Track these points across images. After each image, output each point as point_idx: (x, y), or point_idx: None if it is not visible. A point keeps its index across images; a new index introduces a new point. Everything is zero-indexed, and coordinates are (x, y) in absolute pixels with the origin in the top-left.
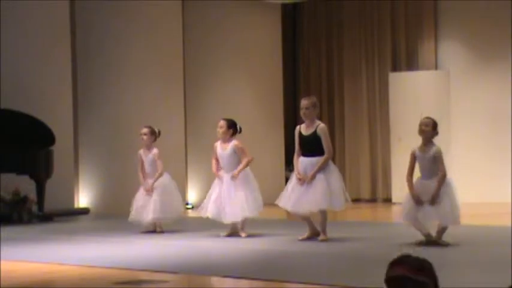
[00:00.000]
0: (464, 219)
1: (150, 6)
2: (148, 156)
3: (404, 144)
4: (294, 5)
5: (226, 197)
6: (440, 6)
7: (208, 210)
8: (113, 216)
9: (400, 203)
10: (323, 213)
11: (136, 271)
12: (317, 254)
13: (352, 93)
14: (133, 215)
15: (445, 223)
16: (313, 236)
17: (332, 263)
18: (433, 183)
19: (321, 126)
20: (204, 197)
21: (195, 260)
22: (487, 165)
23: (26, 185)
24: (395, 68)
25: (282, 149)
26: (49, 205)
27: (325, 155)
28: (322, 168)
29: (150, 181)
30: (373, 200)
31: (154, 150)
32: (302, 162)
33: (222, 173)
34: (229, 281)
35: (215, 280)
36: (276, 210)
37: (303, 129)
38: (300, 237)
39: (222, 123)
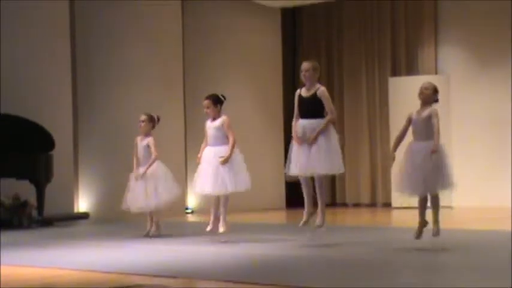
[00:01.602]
0: (464, 223)
1: (150, 8)
2: (143, 142)
3: (403, 148)
4: (294, 8)
5: (208, 171)
6: (440, 11)
7: (197, 187)
8: (112, 220)
9: (399, 208)
10: (320, 181)
11: (135, 276)
12: (316, 258)
13: (352, 97)
14: (126, 203)
15: (441, 189)
16: (311, 214)
17: (331, 267)
18: (426, 145)
19: (321, 89)
20: (204, 202)
21: (194, 265)
22: (487, 169)
23: (26, 190)
24: (395, 73)
25: (281, 150)
26: (49, 210)
27: (328, 116)
28: (324, 130)
29: (141, 169)
30: (372, 204)
31: (150, 138)
32: (301, 125)
33: (207, 148)
34: (228, 286)
35: (213, 285)
36: (274, 215)
37: (303, 92)
38: (300, 224)
39: (207, 102)
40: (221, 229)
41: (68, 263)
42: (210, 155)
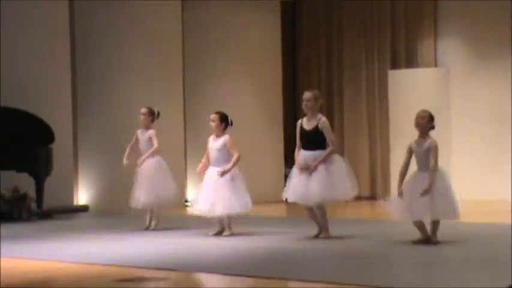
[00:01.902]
0: (464, 216)
1: (149, 6)
2: (145, 135)
3: (403, 141)
4: (293, 2)
5: (212, 191)
6: (440, 3)
7: (197, 207)
8: (112, 213)
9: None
10: (321, 208)
11: (135, 268)
12: (316, 251)
13: (351, 90)
14: (133, 200)
15: (439, 217)
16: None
17: (331, 260)
18: (427, 176)
19: (323, 120)
20: None
21: (194, 258)
22: (486, 162)
23: (25, 183)
24: (395, 66)
25: (281, 147)
26: (48, 202)
27: (330, 147)
28: (324, 160)
29: (145, 162)
30: (372, 197)
31: (151, 130)
32: (303, 156)
33: (209, 168)
34: (228, 279)
35: (214, 278)
36: (274, 208)
37: (305, 123)
38: (313, 236)
39: (214, 116)
40: (226, 233)
41: (67, 256)
42: (213, 176)
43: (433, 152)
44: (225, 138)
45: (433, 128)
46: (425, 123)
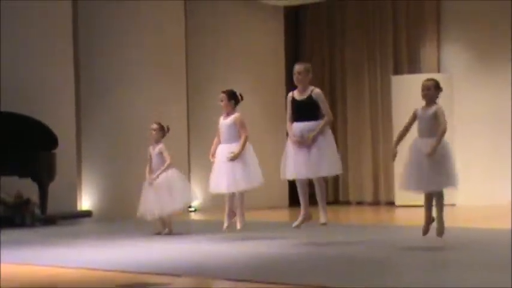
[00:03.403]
0: (465, 221)
1: (153, 7)
2: (155, 150)
3: (406, 146)
4: (297, 7)
5: (221, 169)
6: (442, 9)
7: (213, 187)
8: (115, 219)
9: (402, 206)
10: (321, 184)
11: (139, 274)
12: (319, 256)
13: (354, 96)
14: (140, 211)
15: (445, 186)
16: (307, 219)
17: (334, 265)
18: (431, 141)
19: (316, 91)
20: (207, 200)
21: (198, 263)
22: (490, 167)
23: (28, 188)
24: (398, 71)
25: (284, 149)
26: (52, 208)
27: (326, 118)
28: (322, 131)
29: (158, 173)
30: (376, 203)
31: (161, 145)
32: (297, 127)
33: (219, 146)
34: (231, 284)
35: (218, 283)
36: (278, 213)
37: (296, 95)
38: (294, 224)
39: (222, 95)
40: (239, 225)
41: (70, 262)
42: (223, 153)
43: (441, 117)
44: (235, 116)
45: (441, 91)
46: (432, 93)
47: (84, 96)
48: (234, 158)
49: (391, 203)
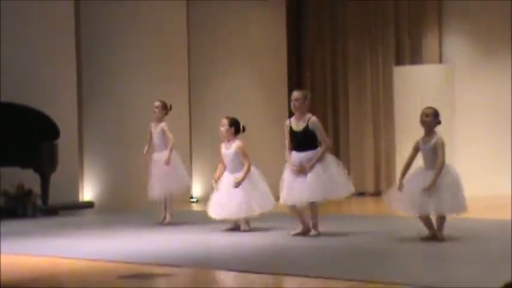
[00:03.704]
0: (468, 212)
1: (154, 6)
2: (157, 128)
3: (408, 137)
4: (299, 0)
5: (227, 195)
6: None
7: (212, 212)
8: (117, 209)
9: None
10: (313, 205)
11: (140, 265)
12: (321, 247)
13: (356, 87)
14: (149, 192)
15: (447, 211)
16: (306, 232)
17: (336, 256)
18: (432, 173)
19: (312, 120)
20: (209, 191)
21: (199, 254)
22: (492, 158)
23: (30, 179)
24: (400, 62)
25: (286, 143)
26: (53, 199)
27: (323, 147)
28: (321, 159)
29: (157, 154)
30: (377, 193)
31: (162, 124)
32: (296, 157)
33: (225, 173)
34: (233, 275)
35: (219, 274)
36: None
37: (293, 123)
38: (293, 233)
39: (224, 121)
40: (243, 228)
41: (72, 252)
42: (230, 180)
43: (440, 150)
44: (236, 144)
45: (439, 123)
46: (431, 120)
47: (86, 87)
48: (237, 185)
49: None
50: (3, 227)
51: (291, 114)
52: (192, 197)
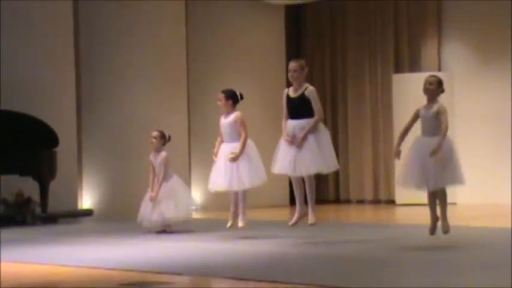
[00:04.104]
0: (466, 220)
1: (154, 6)
2: (157, 159)
3: (407, 145)
4: (298, 6)
5: (225, 167)
6: (443, 7)
7: (214, 185)
8: (116, 217)
9: (403, 205)
10: (311, 180)
11: (140, 272)
12: (320, 255)
13: (355, 94)
14: (140, 218)
15: (448, 183)
16: (302, 216)
17: (335, 264)
18: (434, 140)
19: (309, 88)
20: (209, 199)
21: (199, 262)
22: (490, 166)
23: (29, 187)
24: (399, 70)
25: None
26: (52, 207)
27: (316, 117)
28: (312, 130)
29: (156, 188)
30: (376, 201)
31: (162, 154)
32: (290, 125)
33: (222, 145)
34: (232, 283)
35: (219, 281)
36: (278, 212)
37: (291, 92)
38: (290, 223)
39: (220, 95)
40: (240, 224)
41: (71, 260)
42: (226, 152)
43: (443, 115)
44: (235, 114)
45: (442, 91)
46: (434, 88)
47: (85, 95)
48: (234, 159)
49: (391, 202)
50: (2, 234)
51: (289, 84)
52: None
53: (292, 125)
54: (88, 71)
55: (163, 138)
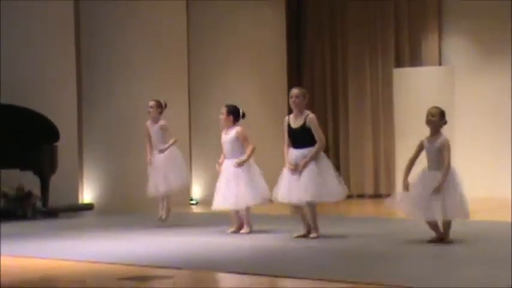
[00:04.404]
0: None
1: (154, 5)
2: (155, 127)
3: (408, 139)
4: (298, 1)
5: (227, 185)
6: (444, 1)
7: (217, 203)
8: (117, 211)
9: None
10: (312, 207)
11: (140, 267)
12: (320, 249)
13: (356, 89)
14: (150, 190)
15: (452, 216)
16: (308, 233)
17: (335, 258)
18: (438, 175)
19: (310, 117)
20: (209, 193)
21: (199, 256)
22: (490, 160)
23: (30, 181)
24: (399, 64)
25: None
26: (53, 201)
27: (317, 145)
28: (314, 158)
29: (158, 153)
30: (376, 195)
31: (161, 122)
32: (293, 154)
33: (224, 162)
34: (232, 277)
35: (219, 276)
36: (279, 206)
37: (292, 120)
38: (295, 235)
39: (222, 109)
40: (243, 231)
41: (72, 254)
42: (229, 169)
43: (446, 151)
44: (236, 130)
45: (445, 123)
46: (437, 120)
47: (86, 89)
48: (240, 165)
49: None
50: (3, 228)
51: (290, 112)
52: (191, 199)
53: (295, 154)
54: (89, 66)
55: (160, 107)
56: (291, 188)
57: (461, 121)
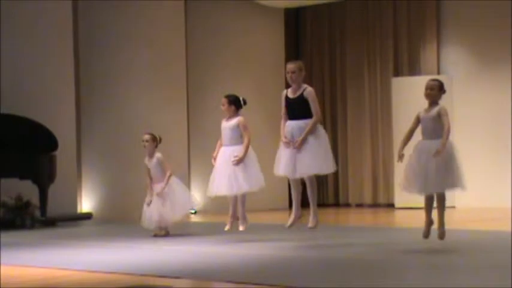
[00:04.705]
0: (464, 223)
1: (153, 9)
2: (152, 161)
3: (406, 148)
4: (297, 9)
5: (223, 171)
6: (442, 11)
7: (212, 189)
8: (116, 221)
9: (402, 208)
10: (312, 182)
11: (139, 276)
12: (319, 259)
13: (354, 98)
14: (144, 222)
15: (449, 187)
16: (299, 218)
17: (334, 268)
18: (435, 143)
19: (308, 90)
20: (208, 202)
21: (197, 265)
22: (489, 170)
23: (28, 190)
24: (398, 73)
25: None
26: (52, 210)
27: (314, 118)
28: (311, 132)
29: (158, 185)
30: (375, 205)
31: (157, 155)
32: (289, 126)
33: (221, 149)
34: (231, 286)
35: (218, 285)
36: (278, 215)
37: (290, 93)
38: (287, 225)
39: (223, 100)
40: (241, 228)
41: (71, 264)
42: (225, 155)
43: (444, 116)
44: (238, 119)
45: (444, 93)
46: (436, 93)
47: (85, 98)
48: (238, 163)
49: (390, 205)
50: (1, 238)
51: (288, 87)
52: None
53: (291, 125)
54: (87, 74)
55: (155, 141)
56: (289, 163)
57: (460, 130)
